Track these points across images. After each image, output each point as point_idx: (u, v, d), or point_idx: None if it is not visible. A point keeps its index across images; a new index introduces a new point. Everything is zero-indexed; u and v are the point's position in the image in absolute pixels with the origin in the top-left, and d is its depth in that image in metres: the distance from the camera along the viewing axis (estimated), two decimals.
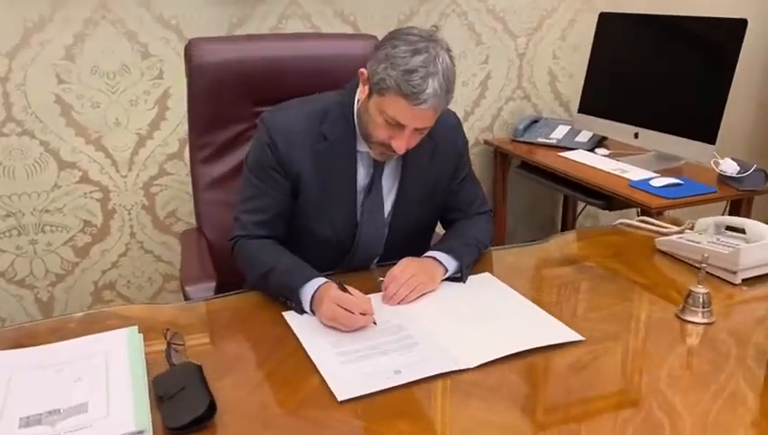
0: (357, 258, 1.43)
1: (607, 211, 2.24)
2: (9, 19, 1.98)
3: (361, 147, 1.36)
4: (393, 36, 1.26)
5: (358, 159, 1.37)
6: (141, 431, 0.90)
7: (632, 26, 2.32)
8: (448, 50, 1.25)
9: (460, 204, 1.51)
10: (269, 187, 1.36)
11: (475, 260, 1.42)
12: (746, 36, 1.93)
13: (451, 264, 1.35)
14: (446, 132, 1.44)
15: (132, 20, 2.10)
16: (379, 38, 1.84)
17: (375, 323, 1.18)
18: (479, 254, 1.45)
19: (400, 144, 1.26)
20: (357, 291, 1.20)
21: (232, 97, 1.66)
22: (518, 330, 1.17)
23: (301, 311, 1.23)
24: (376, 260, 1.46)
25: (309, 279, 1.24)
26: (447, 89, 1.23)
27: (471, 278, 1.37)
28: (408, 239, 1.44)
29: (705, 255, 1.20)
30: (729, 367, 1.08)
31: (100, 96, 2.13)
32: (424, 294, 1.29)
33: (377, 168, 1.38)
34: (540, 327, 1.18)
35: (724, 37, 2.00)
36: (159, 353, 1.08)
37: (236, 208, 1.41)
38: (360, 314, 1.16)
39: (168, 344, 1.09)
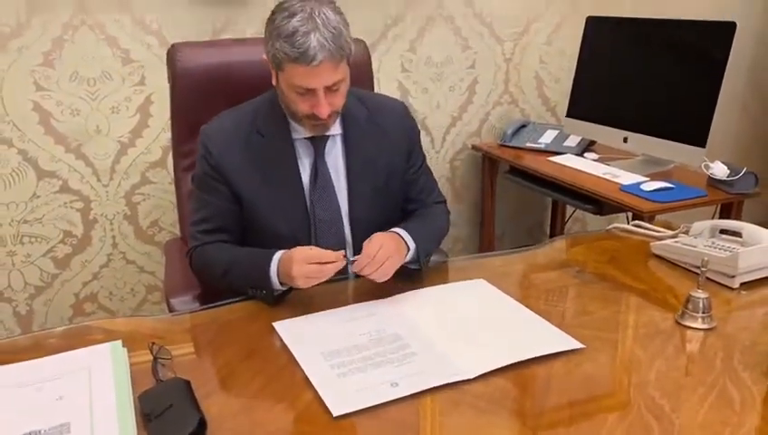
0: None
1: (596, 216, 2.23)
2: None
3: (297, 134, 1.38)
4: (273, 11, 1.27)
5: (296, 146, 1.38)
6: None
7: (620, 30, 2.32)
8: (330, 2, 1.27)
9: (419, 193, 1.52)
10: (211, 196, 1.38)
11: (434, 249, 1.45)
12: (734, 39, 1.93)
13: (411, 244, 1.34)
14: (393, 119, 1.47)
15: (112, 25, 2.05)
16: (367, 42, 1.83)
17: (348, 261, 1.23)
18: (438, 243, 1.49)
19: (321, 109, 1.27)
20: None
21: (216, 103, 1.60)
22: (517, 338, 1.14)
23: (271, 296, 1.24)
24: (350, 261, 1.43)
25: (271, 255, 1.25)
26: (334, 38, 1.22)
27: (465, 284, 1.34)
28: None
29: (705, 259, 1.18)
30: (732, 373, 1.05)
31: (80, 103, 2.07)
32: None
33: (318, 152, 1.39)
34: (539, 335, 1.15)
35: (712, 40, 1.99)
36: (145, 369, 1.03)
37: (188, 224, 1.43)
38: (331, 262, 1.19)
39: (155, 359, 1.05)
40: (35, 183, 2.09)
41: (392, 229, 1.35)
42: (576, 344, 1.12)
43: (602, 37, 2.35)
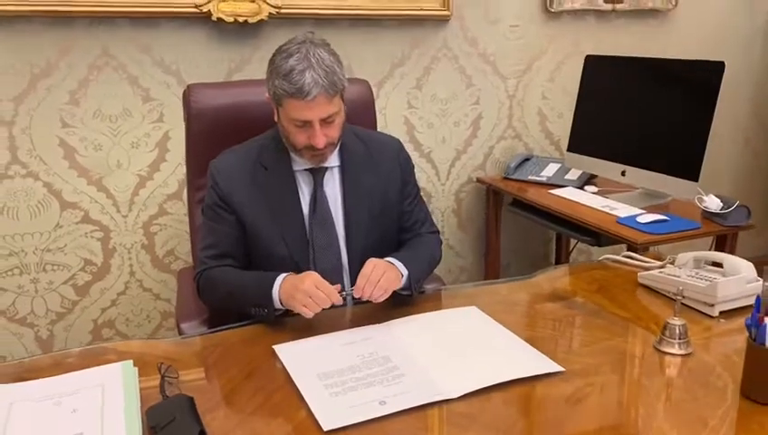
0: None
1: (600, 248, 2.28)
2: (17, 65, 2.06)
3: (297, 166, 1.50)
4: (274, 53, 1.42)
5: (297, 177, 1.51)
6: None
7: (617, 68, 2.41)
8: (325, 45, 1.40)
9: (413, 224, 1.62)
10: (217, 223, 1.49)
11: (426, 276, 1.54)
12: (731, 76, 2.00)
13: (404, 271, 1.42)
14: (388, 153, 1.59)
15: (134, 65, 2.18)
16: (371, 82, 1.95)
17: (345, 294, 1.33)
18: (430, 270, 1.59)
19: (317, 139, 1.40)
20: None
21: (228, 140, 1.71)
22: (500, 361, 1.21)
23: (272, 315, 1.34)
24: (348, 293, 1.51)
25: (275, 277, 1.36)
26: (327, 75, 1.36)
27: (457, 311, 1.42)
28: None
29: (680, 287, 1.24)
30: (706, 398, 1.11)
31: (102, 139, 2.20)
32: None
33: (317, 182, 1.51)
34: (522, 358, 1.22)
35: (703, 79, 2.07)
36: (154, 387, 1.12)
37: (197, 250, 1.54)
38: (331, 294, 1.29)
39: (162, 377, 1.14)
40: (59, 214, 2.21)
41: (385, 258, 1.43)
42: (556, 367, 1.18)
43: (600, 75, 2.44)
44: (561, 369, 1.18)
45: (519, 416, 1.09)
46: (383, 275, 1.34)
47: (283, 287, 1.33)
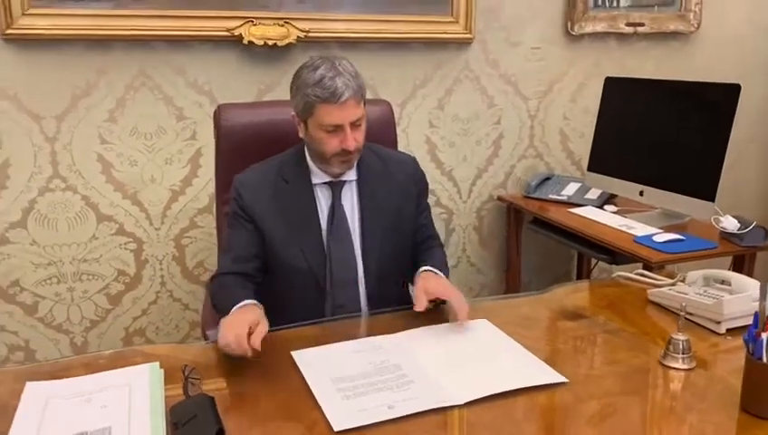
0: (337, 292, 1.57)
1: (621, 266, 2.31)
2: (60, 85, 2.19)
3: (317, 180, 1.59)
4: (297, 70, 1.54)
5: (316, 191, 1.59)
6: None
7: (636, 90, 2.45)
8: (344, 59, 1.52)
9: (427, 238, 1.71)
10: (238, 230, 1.58)
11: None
12: (754, 98, 2.03)
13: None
14: (403, 169, 1.68)
15: (169, 86, 2.30)
16: (394, 103, 2.03)
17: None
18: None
19: (349, 142, 1.49)
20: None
21: (255, 157, 1.80)
22: (506, 371, 1.26)
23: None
24: (365, 301, 1.59)
25: (236, 303, 1.39)
26: (354, 79, 1.48)
27: (468, 323, 1.47)
28: (385, 274, 1.60)
29: (684, 303, 1.28)
30: (706, 411, 1.14)
31: (138, 155, 2.31)
32: None
33: (335, 195, 1.59)
34: (527, 369, 1.27)
35: (720, 100, 2.10)
36: (178, 387, 1.19)
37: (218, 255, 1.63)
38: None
39: (186, 378, 1.21)
40: (95, 226, 2.32)
41: (425, 269, 1.54)
42: (560, 378, 1.23)
43: (619, 97, 2.48)
44: (565, 380, 1.23)
45: (522, 424, 1.13)
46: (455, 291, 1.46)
47: (227, 318, 1.34)
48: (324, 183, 1.59)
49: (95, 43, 2.18)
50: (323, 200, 1.60)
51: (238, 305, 1.38)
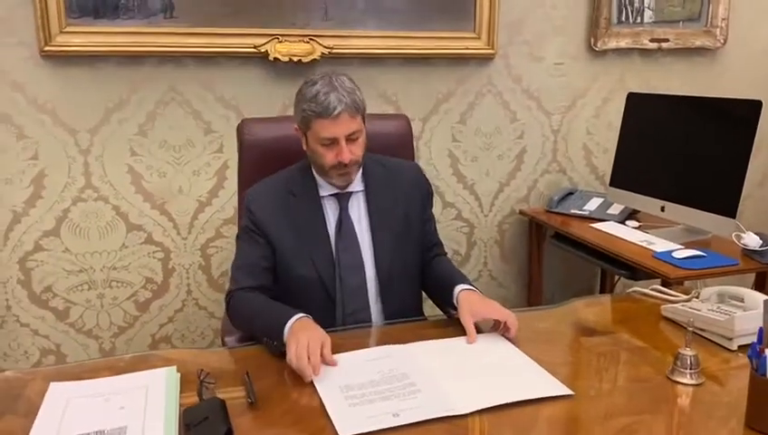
0: (347, 299, 1.60)
1: (634, 281, 2.30)
2: (94, 100, 2.29)
3: (324, 192, 1.63)
4: (300, 86, 1.60)
5: (324, 202, 1.64)
6: None
7: (658, 106, 2.44)
8: (344, 75, 1.58)
9: (435, 245, 1.76)
10: (250, 245, 1.62)
11: None
12: None
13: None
14: (408, 175, 1.73)
15: (197, 101, 2.38)
16: (417, 117, 2.06)
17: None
18: None
19: (344, 155, 1.54)
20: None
21: (277, 170, 1.86)
22: (513, 382, 1.28)
23: (280, 347, 1.37)
24: (374, 308, 1.62)
25: (291, 315, 1.42)
26: (348, 95, 1.53)
27: (480, 336, 1.49)
28: (396, 280, 1.63)
29: (691, 319, 1.29)
30: (711, 427, 1.15)
31: (166, 167, 2.39)
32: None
33: (342, 205, 1.63)
34: (534, 381, 1.28)
35: (741, 117, 2.09)
36: (193, 390, 1.24)
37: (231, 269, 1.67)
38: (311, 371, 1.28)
39: (201, 382, 1.26)
40: (125, 235, 2.40)
41: (461, 288, 1.58)
42: (565, 391, 1.24)
43: (642, 112, 2.48)
44: (572, 392, 1.24)
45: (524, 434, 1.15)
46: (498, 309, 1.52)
47: (294, 328, 1.39)
48: (331, 195, 1.64)
49: (128, 60, 2.28)
50: (331, 211, 1.64)
51: (294, 319, 1.40)
